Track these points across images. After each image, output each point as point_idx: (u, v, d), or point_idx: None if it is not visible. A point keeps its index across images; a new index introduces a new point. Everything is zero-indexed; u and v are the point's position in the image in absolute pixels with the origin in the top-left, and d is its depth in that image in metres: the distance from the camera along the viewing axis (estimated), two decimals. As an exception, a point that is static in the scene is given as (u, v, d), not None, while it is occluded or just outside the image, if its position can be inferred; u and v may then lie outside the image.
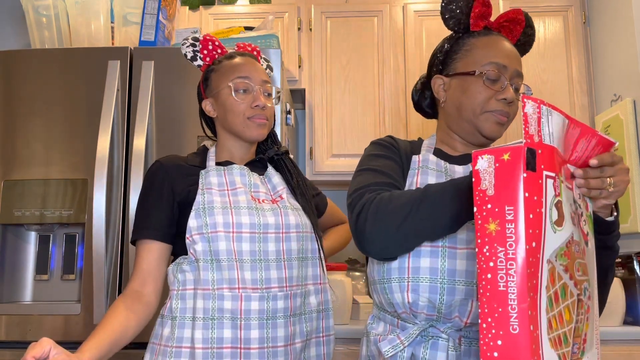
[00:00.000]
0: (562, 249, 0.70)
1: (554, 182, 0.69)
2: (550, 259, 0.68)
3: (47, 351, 0.93)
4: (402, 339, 0.96)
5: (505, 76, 1.04)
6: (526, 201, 0.65)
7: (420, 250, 0.97)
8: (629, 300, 1.97)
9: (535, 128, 0.69)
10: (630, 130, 2.12)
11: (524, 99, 0.70)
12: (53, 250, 1.97)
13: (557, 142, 0.73)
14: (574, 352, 0.71)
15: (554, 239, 0.68)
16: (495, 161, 0.68)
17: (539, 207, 0.66)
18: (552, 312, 0.67)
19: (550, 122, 0.71)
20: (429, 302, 0.96)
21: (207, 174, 1.22)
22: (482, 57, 1.05)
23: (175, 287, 1.18)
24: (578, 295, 0.73)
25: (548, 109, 0.71)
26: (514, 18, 1.10)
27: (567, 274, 0.70)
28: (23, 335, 1.82)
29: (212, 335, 1.12)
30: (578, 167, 0.82)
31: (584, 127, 0.78)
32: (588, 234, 0.83)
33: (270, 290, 1.15)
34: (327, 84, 2.52)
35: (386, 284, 1.00)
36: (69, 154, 1.92)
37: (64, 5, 2.16)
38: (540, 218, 0.66)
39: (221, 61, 1.29)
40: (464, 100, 1.06)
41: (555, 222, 0.69)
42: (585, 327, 0.75)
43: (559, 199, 0.70)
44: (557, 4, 2.53)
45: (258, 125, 1.25)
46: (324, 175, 2.47)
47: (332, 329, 1.28)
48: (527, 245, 0.64)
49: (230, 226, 1.15)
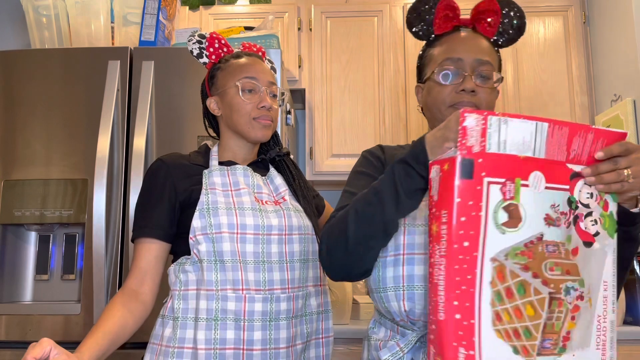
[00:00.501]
0: (516, 248, 0.76)
1: (502, 187, 0.75)
2: (497, 258, 0.75)
3: (47, 352, 0.93)
4: (402, 346, 0.96)
5: (463, 68, 1.03)
6: (458, 205, 0.74)
7: (414, 258, 0.96)
8: (629, 300, 1.97)
9: (476, 139, 0.75)
10: (630, 130, 2.12)
11: (463, 114, 0.75)
12: (53, 250, 1.97)
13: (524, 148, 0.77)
14: (546, 347, 0.77)
15: (502, 239, 0.75)
16: (440, 170, 0.77)
17: (475, 210, 0.74)
18: (501, 306, 0.74)
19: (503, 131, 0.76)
20: (426, 309, 0.95)
21: (210, 173, 1.22)
22: (439, 56, 1.06)
23: (177, 288, 1.18)
24: (552, 293, 0.77)
25: (501, 118, 0.76)
26: (487, 9, 1.07)
27: (529, 272, 0.76)
28: (23, 335, 1.82)
29: (215, 336, 1.12)
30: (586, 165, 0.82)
31: (572, 125, 0.80)
32: (598, 235, 0.82)
33: (273, 291, 1.15)
34: (327, 84, 2.52)
35: (382, 293, 0.99)
36: (69, 154, 1.92)
37: (64, 5, 2.16)
38: (477, 220, 0.74)
39: (228, 60, 1.29)
40: (430, 101, 1.07)
41: (503, 224, 0.75)
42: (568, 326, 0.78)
43: (511, 202, 0.76)
44: (557, 4, 2.53)
45: (263, 126, 1.24)
46: (324, 175, 2.47)
47: (331, 331, 1.28)
48: (457, 245, 0.74)
49: (234, 227, 1.15)
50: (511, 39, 1.11)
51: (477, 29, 1.08)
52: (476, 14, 1.08)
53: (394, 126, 2.47)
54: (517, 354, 0.75)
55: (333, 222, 0.98)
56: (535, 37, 2.51)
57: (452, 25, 1.08)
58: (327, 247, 0.97)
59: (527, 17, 2.50)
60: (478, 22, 1.08)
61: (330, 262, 0.97)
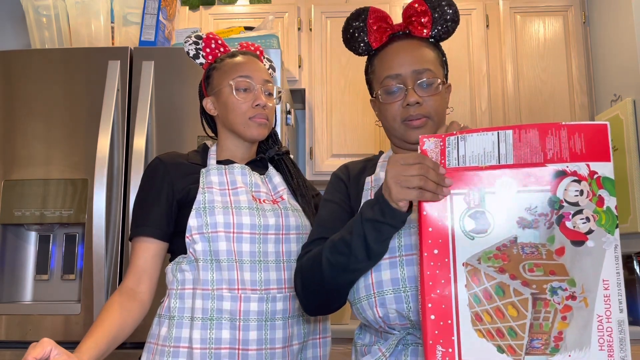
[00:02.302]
0: (488, 252, 0.81)
1: (466, 197, 0.82)
2: (469, 262, 0.81)
3: (47, 352, 0.93)
4: (384, 351, 0.97)
5: (403, 82, 1.03)
6: (424, 218, 0.82)
7: (380, 264, 0.97)
8: (629, 300, 1.97)
9: (436, 158, 0.84)
10: (630, 130, 2.12)
11: (422, 139, 0.84)
12: (53, 250, 1.97)
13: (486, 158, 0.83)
14: (535, 346, 0.80)
15: (471, 245, 0.81)
16: None
17: (441, 220, 0.82)
18: (480, 307, 0.80)
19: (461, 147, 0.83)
20: (398, 312, 0.96)
21: (208, 172, 1.22)
22: (380, 75, 1.06)
23: (173, 287, 1.18)
24: (535, 294, 0.80)
25: (458, 136, 0.84)
26: (415, 11, 1.06)
27: (505, 274, 0.81)
28: (23, 335, 1.82)
29: (211, 335, 1.12)
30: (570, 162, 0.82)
31: (539, 126, 0.83)
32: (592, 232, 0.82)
33: (269, 291, 1.15)
34: (327, 84, 2.52)
35: (358, 304, 1.00)
36: (69, 154, 1.92)
37: (64, 5, 2.16)
38: (444, 229, 0.82)
39: (223, 59, 1.29)
40: (383, 119, 1.08)
41: (471, 230, 0.81)
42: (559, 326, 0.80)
43: (477, 210, 0.82)
44: (557, 4, 2.53)
45: (259, 124, 1.24)
46: (324, 175, 2.47)
47: (329, 331, 1.28)
48: (426, 253, 0.81)
49: (230, 226, 1.15)
50: (448, 31, 1.09)
51: (412, 33, 1.07)
52: (407, 18, 1.07)
53: (394, 126, 2.46)
54: (502, 353, 0.79)
55: (305, 263, 1.02)
56: (535, 37, 2.51)
57: (387, 36, 1.07)
58: (303, 286, 1.01)
59: (527, 17, 2.52)
60: (411, 25, 1.07)
61: (307, 300, 1.02)
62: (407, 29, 1.08)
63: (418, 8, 1.05)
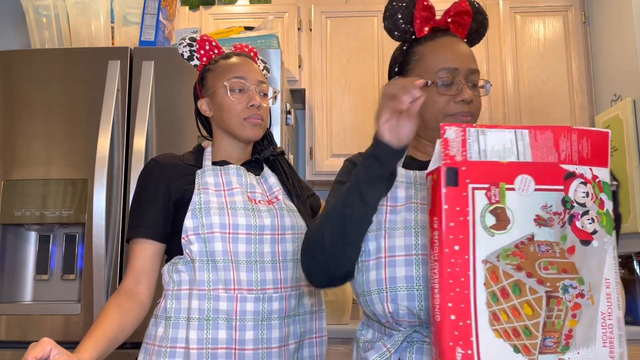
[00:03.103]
0: (507, 250, 0.79)
1: (487, 192, 0.80)
2: (489, 260, 0.78)
3: (48, 351, 0.93)
4: (389, 347, 0.97)
5: (459, 78, 1.04)
6: (446, 212, 0.78)
7: (395, 260, 0.97)
8: (629, 300, 1.97)
9: (458, 149, 0.80)
10: (630, 130, 2.12)
11: (443, 127, 0.81)
12: (53, 250, 1.97)
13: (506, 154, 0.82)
14: (548, 345, 0.79)
15: (491, 242, 0.79)
16: (431, 180, 0.82)
17: (462, 215, 0.78)
18: (498, 306, 0.78)
19: (482, 141, 0.82)
20: (408, 310, 0.96)
21: (203, 173, 1.22)
22: (433, 65, 1.06)
23: (170, 287, 1.18)
24: (548, 292, 0.80)
25: (478, 130, 0.81)
26: (460, 10, 1.08)
27: (522, 272, 0.79)
28: (23, 335, 1.82)
29: (207, 335, 1.12)
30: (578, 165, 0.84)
31: (553, 128, 0.84)
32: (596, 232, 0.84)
33: (266, 291, 1.15)
34: (327, 84, 2.52)
35: (367, 297, 1.00)
36: (69, 154, 1.92)
37: (64, 5, 2.16)
38: (466, 225, 0.78)
39: (217, 61, 1.29)
40: (426, 109, 1.06)
41: (491, 226, 0.79)
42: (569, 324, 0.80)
43: (497, 206, 0.80)
44: (557, 4, 2.53)
45: (253, 125, 1.24)
46: (324, 175, 2.47)
47: (325, 330, 1.28)
48: (447, 249, 0.77)
49: (226, 227, 1.15)
50: (481, 36, 1.12)
51: (452, 31, 1.09)
52: (452, 16, 1.08)
53: (394, 126, 2.46)
54: (518, 353, 0.77)
55: (309, 229, 1.03)
56: (535, 37, 2.52)
57: (430, 27, 1.08)
58: (307, 252, 1.01)
59: (527, 17, 2.52)
60: (453, 24, 1.08)
61: (309, 266, 1.01)
62: (447, 25, 1.09)
63: (463, 8, 1.07)
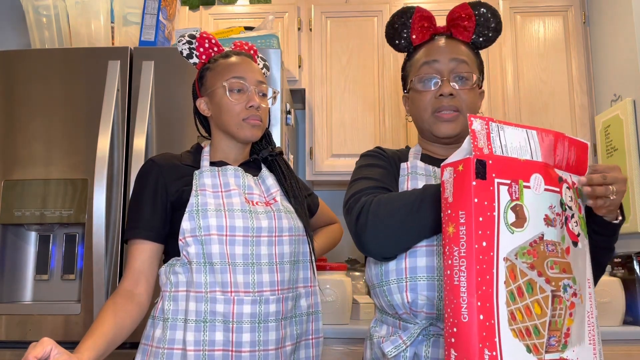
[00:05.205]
0: (523, 248, 0.77)
1: (509, 188, 0.78)
2: (509, 257, 0.76)
3: (48, 351, 0.93)
4: (405, 339, 0.97)
5: (440, 71, 1.05)
6: (476, 206, 0.74)
7: (416, 250, 0.98)
8: (629, 300, 1.97)
9: (484, 142, 0.78)
10: (630, 130, 2.12)
11: (470, 118, 0.79)
12: (53, 250, 1.97)
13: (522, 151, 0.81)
14: (551, 344, 0.78)
15: (511, 239, 0.76)
16: (454, 172, 0.78)
17: (489, 210, 0.75)
18: (514, 306, 0.75)
19: (502, 136, 0.80)
20: (428, 300, 0.96)
21: (201, 174, 1.22)
22: (417, 63, 1.09)
23: (167, 289, 1.18)
24: (553, 291, 0.79)
25: (498, 125, 0.80)
26: (460, 15, 1.09)
27: (534, 271, 0.78)
28: (23, 335, 1.82)
29: (204, 337, 1.12)
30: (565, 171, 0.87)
31: (554, 133, 0.86)
32: (579, 235, 0.87)
33: (263, 293, 1.15)
34: (327, 84, 2.52)
35: (385, 287, 1.00)
36: (69, 154, 1.92)
37: (64, 5, 2.16)
38: (492, 220, 0.75)
39: (217, 60, 1.28)
40: (414, 111, 1.10)
41: (512, 224, 0.77)
42: (567, 322, 0.81)
43: (517, 203, 0.78)
44: (557, 4, 2.53)
45: (252, 126, 1.24)
46: (324, 175, 2.47)
47: (321, 332, 1.28)
48: (476, 245, 0.74)
49: (223, 229, 1.15)
50: (490, 39, 1.12)
51: (454, 35, 1.10)
52: (451, 20, 1.10)
53: (394, 126, 2.47)
54: (529, 353, 0.76)
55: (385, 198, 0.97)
56: (535, 37, 2.51)
57: (430, 35, 1.10)
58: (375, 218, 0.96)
59: (527, 17, 2.52)
60: (454, 28, 1.10)
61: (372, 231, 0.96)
62: (449, 31, 1.10)
63: (463, 12, 1.09)
